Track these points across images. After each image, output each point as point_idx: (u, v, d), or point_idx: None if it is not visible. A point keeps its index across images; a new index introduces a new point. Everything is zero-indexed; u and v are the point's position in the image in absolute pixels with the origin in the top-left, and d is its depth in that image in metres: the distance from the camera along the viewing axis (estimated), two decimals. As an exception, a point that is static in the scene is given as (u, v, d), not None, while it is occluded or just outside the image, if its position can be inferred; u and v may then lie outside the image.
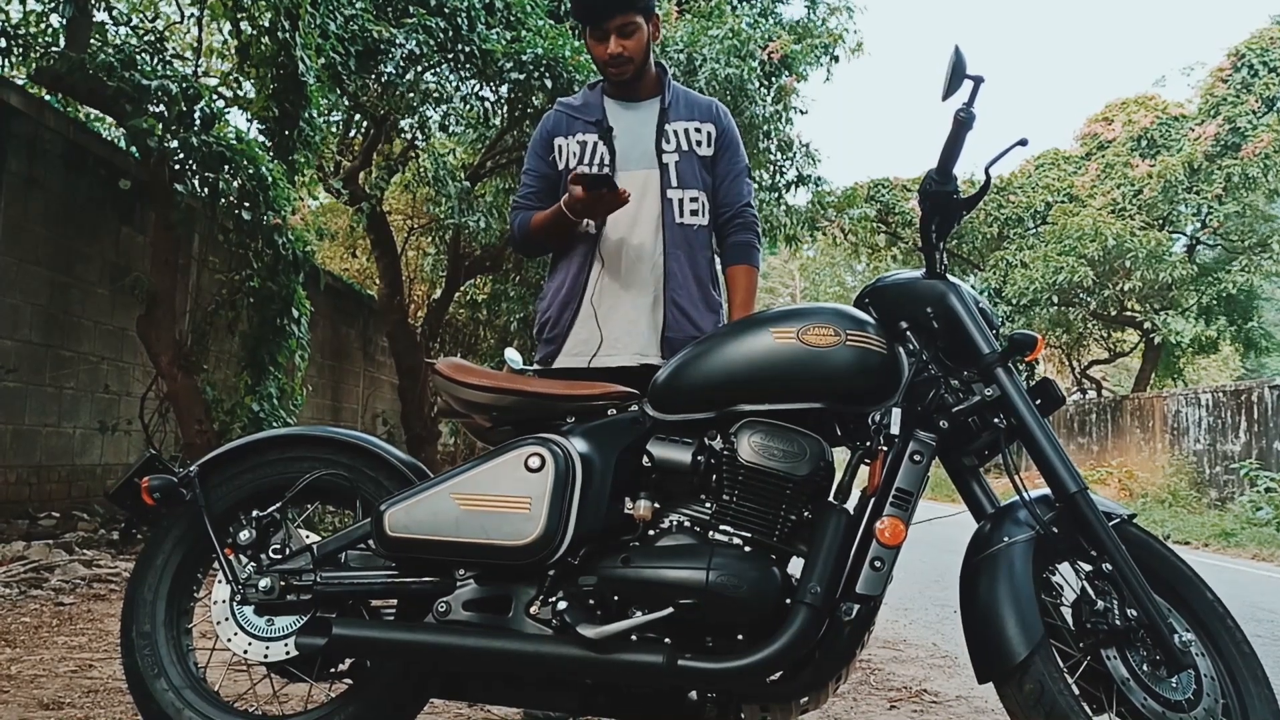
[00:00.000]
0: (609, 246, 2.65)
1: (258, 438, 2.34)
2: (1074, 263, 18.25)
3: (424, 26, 7.84)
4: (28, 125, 6.69)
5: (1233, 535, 11.39)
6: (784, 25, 13.13)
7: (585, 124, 2.72)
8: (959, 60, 2.00)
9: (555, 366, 2.68)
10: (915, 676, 3.91)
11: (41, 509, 6.79)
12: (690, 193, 2.69)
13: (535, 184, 2.78)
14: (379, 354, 14.38)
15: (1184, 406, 16.41)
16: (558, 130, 2.75)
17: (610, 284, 2.64)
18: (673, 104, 2.73)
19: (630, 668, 1.94)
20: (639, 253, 2.65)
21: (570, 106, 2.78)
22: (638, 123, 2.71)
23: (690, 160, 2.70)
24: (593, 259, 2.66)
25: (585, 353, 2.63)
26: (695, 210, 2.69)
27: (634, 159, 2.66)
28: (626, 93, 2.74)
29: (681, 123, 2.71)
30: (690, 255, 2.68)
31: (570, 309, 2.66)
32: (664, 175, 2.67)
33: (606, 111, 2.72)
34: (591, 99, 2.77)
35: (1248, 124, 18.62)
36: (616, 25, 2.61)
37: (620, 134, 2.68)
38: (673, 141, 2.69)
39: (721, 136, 2.75)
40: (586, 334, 2.64)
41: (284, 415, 6.55)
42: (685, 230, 2.68)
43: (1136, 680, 1.89)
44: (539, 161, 2.78)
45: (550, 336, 2.70)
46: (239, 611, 2.19)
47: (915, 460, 2.01)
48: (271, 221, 6.24)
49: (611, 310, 2.63)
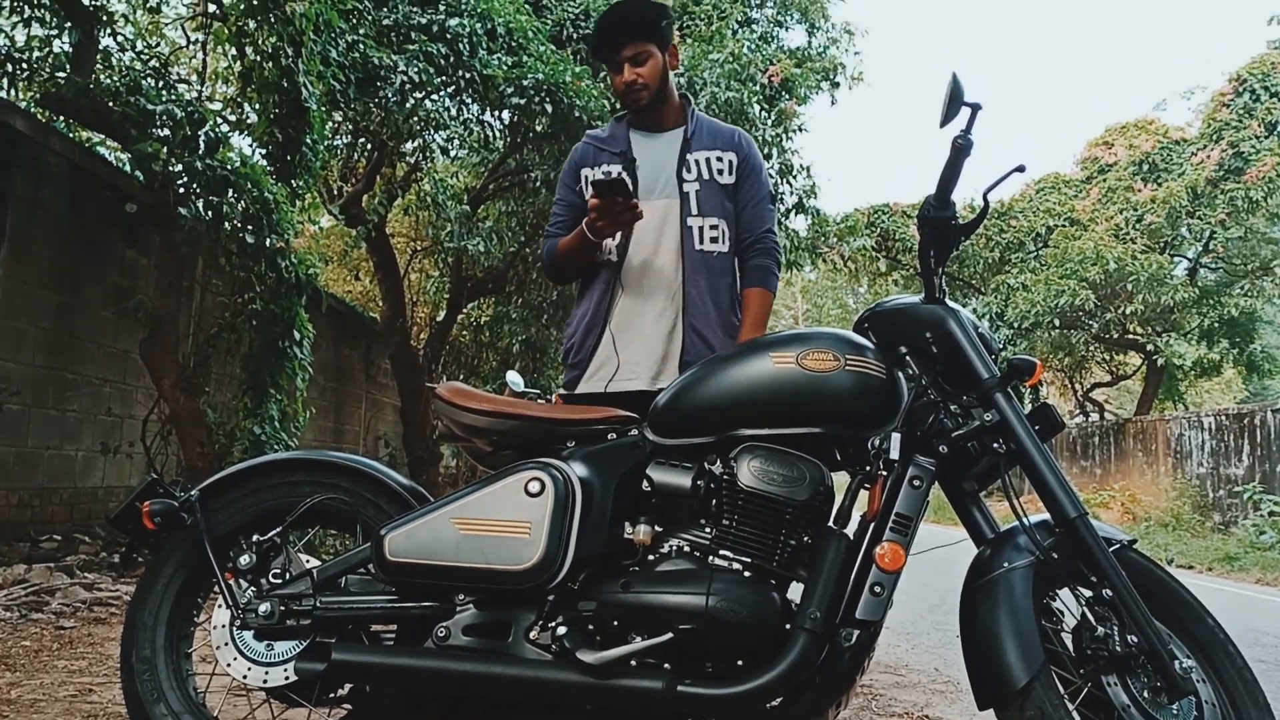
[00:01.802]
0: (630, 274, 2.69)
1: (259, 462, 2.35)
2: (1075, 286, 18.25)
3: (425, 53, 7.90)
4: (33, 149, 6.72)
5: (1236, 559, 11.34)
6: (785, 51, 13.19)
7: (610, 155, 2.77)
8: (957, 87, 2.02)
9: (577, 391, 2.71)
10: (917, 702, 3.89)
11: (43, 532, 6.78)
12: (710, 220, 2.72)
13: (564, 214, 2.82)
14: (381, 376, 14.38)
15: (1187, 429, 16.38)
16: (584, 161, 2.80)
17: (629, 310, 2.68)
18: (695, 133, 2.77)
19: (630, 693, 1.94)
20: (658, 279, 2.68)
21: (597, 139, 2.84)
22: (660, 152, 2.76)
23: (711, 188, 2.73)
24: (615, 286, 2.70)
25: (604, 377, 2.66)
26: (715, 237, 2.72)
27: (656, 188, 2.70)
28: (650, 123, 2.79)
29: (703, 152, 2.75)
30: (710, 281, 2.70)
31: (593, 335, 2.71)
32: (684, 203, 2.70)
33: (631, 143, 2.77)
34: (617, 131, 2.82)
35: (1250, 148, 18.67)
36: (629, 55, 2.68)
37: (643, 164, 2.73)
38: (694, 170, 2.73)
39: (743, 165, 2.79)
40: (605, 358, 2.68)
41: (285, 438, 6.55)
42: (705, 257, 2.70)
43: (1137, 707, 1.88)
44: (567, 191, 2.83)
45: (574, 361, 2.74)
46: (239, 636, 2.18)
47: (915, 485, 2.01)
48: (275, 245, 6.27)
49: (630, 336, 2.66)
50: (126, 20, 8.19)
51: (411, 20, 8.09)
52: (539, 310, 12.49)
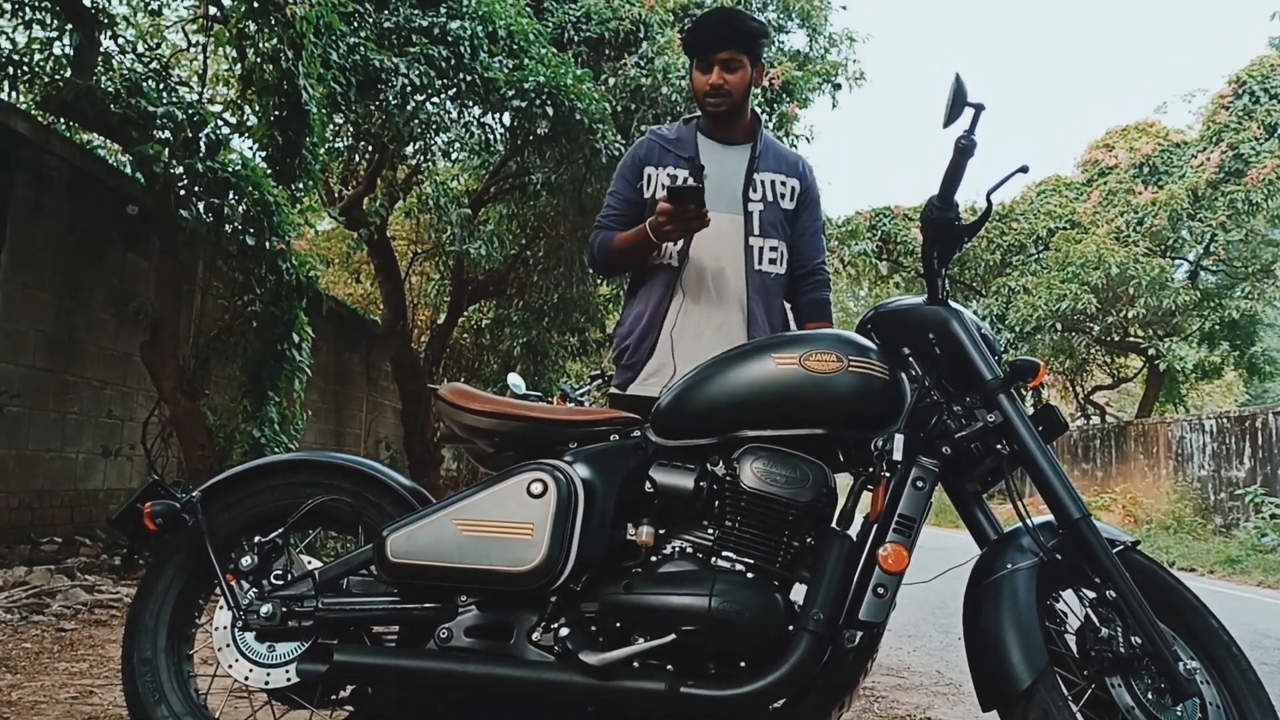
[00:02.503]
0: (690, 281, 2.69)
1: (260, 463, 2.34)
2: (1077, 289, 18.25)
3: (426, 56, 7.90)
4: (34, 151, 6.73)
5: (1238, 562, 11.32)
6: (786, 54, 13.19)
7: (677, 158, 2.75)
8: (960, 88, 2.01)
9: (629, 393, 2.69)
10: (919, 704, 3.88)
11: (44, 534, 6.78)
12: (770, 242, 2.73)
13: (620, 207, 2.80)
14: (382, 379, 14.38)
15: (1188, 432, 16.37)
16: (650, 159, 2.79)
17: (691, 318, 2.68)
18: (763, 153, 2.77)
19: (632, 695, 1.93)
20: (723, 292, 2.68)
21: (664, 138, 2.81)
22: (728, 165, 2.75)
23: (774, 211, 2.74)
24: (674, 291, 2.69)
25: (659, 382, 2.63)
26: (774, 260, 2.73)
27: (721, 201, 2.67)
28: (720, 132, 2.78)
29: (770, 174, 2.75)
30: (766, 301, 2.72)
31: (650, 338, 2.70)
32: (748, 222, 2.71)
33: (700, 148, 2.76)
34: (685, 134, 2.80)
35: (1250, 150, 18.66)
36: (723, 59, 2.67)
37: (710, 173, 2.68)
38: (759, 190, 2.73)
39: (805, 193, 2.80)
40: (660, 363, 2.67)
41: (284, 440, 6.55)
42: (764, 277, 2.72)
43: (1141, 709, 1.87)
44: (626, 186, 2.80)
45: (629, 363, 2.73)
46: (240, 638, 2.18)
47: (918, 486, 2.00)
48: (275, 247, 6.27)
49: (691, 344, 2.64)
50: (128, 23, 8.21)
51: (412, 23, 8.10)
52: (540, 313, 12.50)
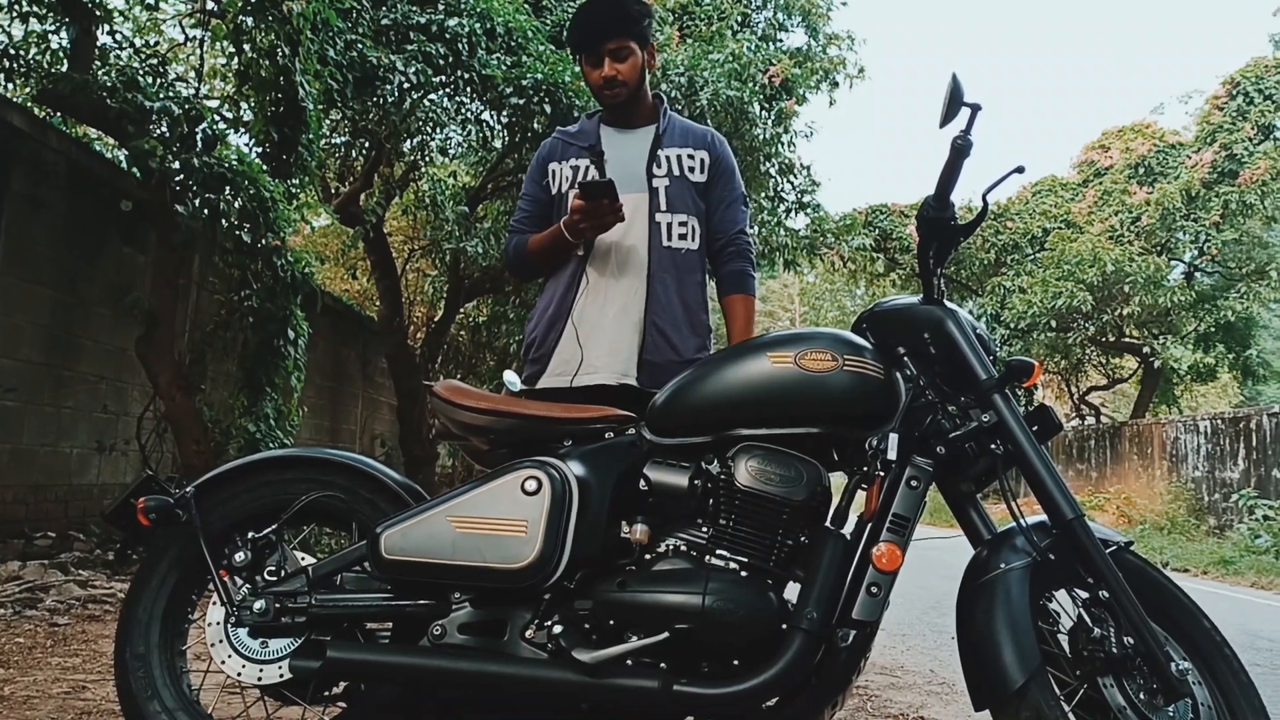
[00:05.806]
0: (595, 268, 2.66)
1: (254, 459, 2.34)
2: (1072, 288, 18.28)
3: (424, 53, 7.89)
4: (31, 146, 6.71)
5: (1231, 563, 11.35)
6: (785, 51, 13.20)
7: (579, 149, 2.75)
8: (956, 88, 2.01)
9: (539, 386, 2.67)
10: (912, 703, 3.88)
11: (37, 529, 6.77)
12: (679, 217, 2.69)
13: (529, 208, 2.81)
14: (378, 375, 14.36)
15: (1183, 433, 16.40)
16: (552, 156, 2.79)
17: (593, 304, 2.64)
18: (667, 131, 2.75)
19: (626, 693, 1.93)
20: (624, 274, 2.65)
21: (567, 134, 2.82)
22: (631, 148, 2.73)
23: (682, 185, 2.71)
24: (579, 280, 2.67)
25: (567, 372, 2.62)
26: (684, 234, 2.70)
27: (624, 182, 2.63)
28: (622, 120, 2.77)
29: (675, 149, 2.73)
30: (677, 278, 2.68)
31: (556, 329, 2.67)
32: (653, 199, 2.68)
33: (601, 137, 2.75)
34: (588, 126, 2.81)
35: (1244, 151, 18.70)
36: (610, 49, 2.65)
37: (612, 159, 2.69)
38: (664, 166, 2.70)
39: (716, 164, 2.76)
40: (569, 353, 2.64)
41: (280, 436, 6.55)
42: (673, 254, 2.68)
43: (1133, 709, 1.88)
44: (534, 186, 2.81)
45: (536, 356, 2.70)
46: (234, 633, 2.17)
47: (912, 486, 2.00)
48: (271, 243, 6.26)
49: (593, 330, 2.62)
50: (124, 17, 8.20)
51: (410, 20, 8.09)
52: (536, 310, 12.45)
